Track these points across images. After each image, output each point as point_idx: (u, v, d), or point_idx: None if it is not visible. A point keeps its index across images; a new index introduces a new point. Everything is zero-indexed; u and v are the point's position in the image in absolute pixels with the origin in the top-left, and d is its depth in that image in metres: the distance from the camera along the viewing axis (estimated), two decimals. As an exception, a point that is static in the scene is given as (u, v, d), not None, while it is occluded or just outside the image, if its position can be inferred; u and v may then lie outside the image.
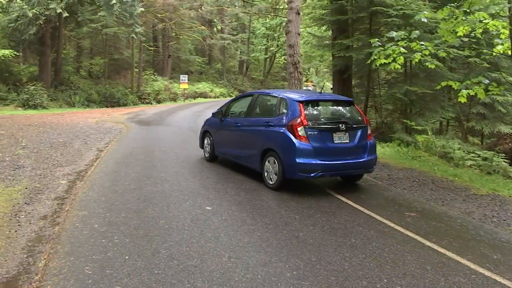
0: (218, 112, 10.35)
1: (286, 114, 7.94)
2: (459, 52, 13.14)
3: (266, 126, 8.33)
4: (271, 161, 8.05)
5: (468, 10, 8.37)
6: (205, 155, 10.77)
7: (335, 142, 7.73)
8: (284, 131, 7.75)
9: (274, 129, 8.05)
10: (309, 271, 4.59)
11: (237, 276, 4.41)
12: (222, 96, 44.19)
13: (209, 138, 10.56)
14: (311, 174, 7.61)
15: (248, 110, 9.29)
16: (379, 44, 9.60)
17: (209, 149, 10.49)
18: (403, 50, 9.31)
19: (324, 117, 8.16)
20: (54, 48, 28.63)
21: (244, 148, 9.02)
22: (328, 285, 4.31)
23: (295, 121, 7.65)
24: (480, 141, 18.49)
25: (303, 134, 7.54)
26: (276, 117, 8.20)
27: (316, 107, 8.25)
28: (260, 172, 8.40)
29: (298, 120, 7.62)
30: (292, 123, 7.66)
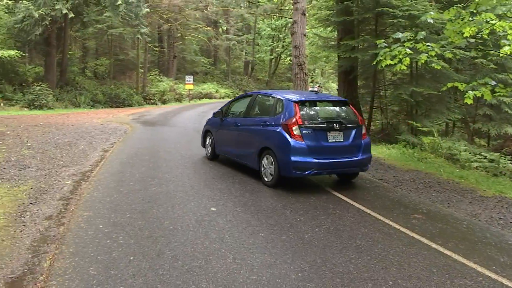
0: (218, 112, 10.55)
1: (282, 114, 8.17)
2: (465, 53, 13.11)
3: (263, 125, 8.56)
4: (267, 159, 8.29)
5: (474, 11, 8.31)
6: (207, 154, 11.01)
7: (329, 141, 7.95)
8: (280, 130, 7.99)
9: (271, 128, 8.27)
10: (314, 272, 4.57)
11: (242, 277, 4.39)
12: (227, 97, 44.16)
13: (210, 138, 10.80)
14: (306, 172, 7.81)
15: (247, 110, 9.54)
16: (385, 45, 9.57)
17: (210, 148, 10.75)
18: (409, 51, 9.27)
19: (319, 117, 8.33)
20: (59, 49, 28.75)
21: (243, 147, 9.24)
22: (333, 287, 4.29)
23: (290, 120, 7.89)
24: (487, 142, 18.40)
25: (298, 133, 7.77)
26: (273, 117, 8.43)
27: (311, 107, 8.46)
28: (258, 170, 8.63)
29: (293, 119, 7.86)
30: (287, 123, 7.90)
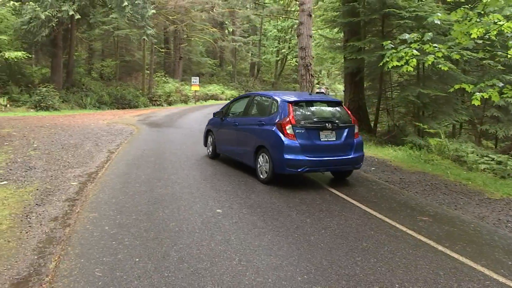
0: (219, 112, 10.93)
1: (276, 114, 8.52)
2: (473, 54, 13.05)
3: (259, 125, 8.93)
4: (263, 157, 8.65)
5: (482, 12, 8.27)
6: (208, 152, 11.40)
7: (321, 140, 8.28)
8: (274, 129, 8.34)
9: (266, 127, 8.63)
10: (320, 275, 4.54)
11: (248, 279, 4.37)
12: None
13: (211, 137, 11.21)
14: (298, 170, 8.13)
15: (245, 110, 9.93)
16: (392, 46, 9.53)
17: (211, 147, 11.15)
18: (415, 52, 9.24)
19: (312, 117, 8.61)
20: (66, 50, 28.86)
21: (241, 146, 9.59)
22: (339, 290, 4.27)
23: (284, 120, 8.23)
24: (494, 144, 18.32)
25: (291, 132, 8.11)
26: (268, 117, 8.80)
27: (305, 107, 8.77)
28: (254, 167, 8.96)
29: (286, 119, 8.21)
30: (281, 122, 8.26)
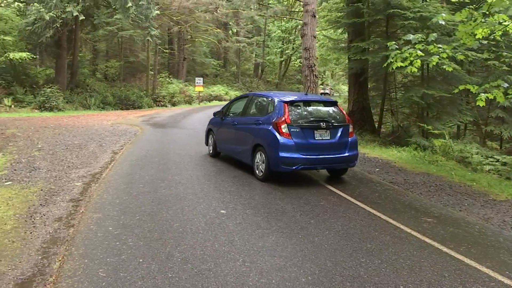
0: (219, 112, 11.23)
1: (273, 113, 8.80)
2: (477, 55, 13.02)
3: (256, 124, 9.19)
4: (260, 155, 8.92)
5: (487, 12, 8.24)
6: (209, 151, 11.70)
7: (316, 138, 8.53)
8: (270, 128, 8.59)
9: (263, 126, 8.89)
10: (324, 276, 4.52)
11: (252, 280, 4.36)
12: (237, 99, 44.18)
13: (212, 136, 11.51)
14: (293, 167, 8.35)
15: (243, 110, 10.23)
16: (396, 47, 9.51)
17: (212, 145, 11.44)
18: (420, 53, 9.21)
19: (308, 116, 8.82)
20: (70, 51, 28.94)
21: (239, 144, 9.87)
22: (343, 291, 4.25)
23: (279, 119, 8.49)
24: (499, 145, 18.25)
25: (286, 131, 8.37)
26: (265, 116, 9.05)
27: (301, 107, 8.99)
28: (251, 165, 9.23)
29: (282, 118, 8.47)
30: (276, 121, 8.51)
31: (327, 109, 9.27)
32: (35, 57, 26.55)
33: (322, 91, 58.48)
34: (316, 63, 15.42)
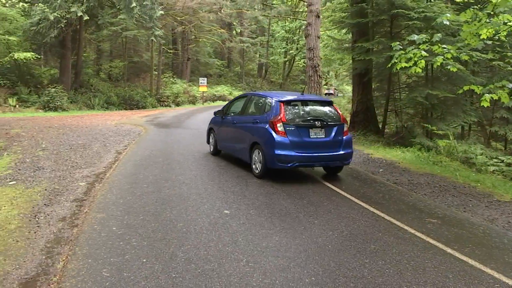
0: (219, 111, 11.55)
1: (269, 112, 9.07)
2: (482, 55, 12.97)
3: (254, 123, 9.48)
4: (256, 153, 9.19)
5: (492, 12, 8.21)
6: (210, 149, 11.99)
7: (311, 137, 8.78)
8: (267, 127, 8.85)
9: (260, 125, 9.16)
10: (327, 277, 4.52)
11: (255, 281, 4.36)
12: (241, 99, 44.17)
13: (213, 134, 11.80)
14: (288, 165, 8.61)
15: (242, 109, 10.52)
16: (400, 47, 9.49)
17: (213, 144, 11.74)
18: (424, 53, 9.19)
19: (303, 115, 9.09)
20: (74, 51, 29.02)
21: (238, 142, 10.17)
22: (347, 292, 4.24)
23: (275, 118, 8.76)
24: (504, 146, 18.17)
25: (281, 129, 8.63)
26: (262, 115, 9.34)
27: (297, 107, 9.24)
28: (249, 162, 9.52)
29: (278, 117, 8.73)
30: (273, 120, 8.78)
31: (322, 108, 9.49)
32: (39, 57, 26.66)
33: (326, 91, 58.51)
34: (320, 63, 15.41)
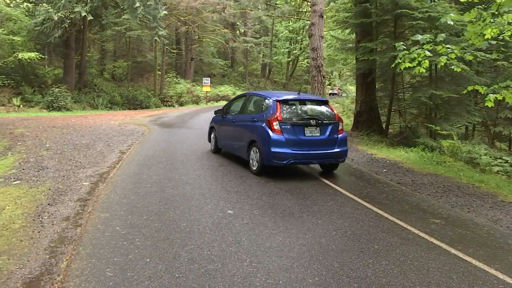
0: (220, 110, 11.91)
1: (266, 111, 9.34)
2: (486, 55, 12.93)
3: (252, 121, 9.76)
4: (254, 151, 9.47)
5: (496, 12, 8.18)
6: (211, 147, 12.33)
7: (306, 135, 9.04)
8: (264, 125, 9.15)
9: (257, 124, 9.45)
10: (331, 277, 4.51)
11: (258, 281, 4.36)
12: (244, 99, 44.13)
13: (214, 133, 12.13)
14: (284, 162, 8.87)
15: (241, 109, 10.83)
16: (404, 47, 9.47)
17: (214, 142, 12.06)
18: (428, 53, 9.17)
19: (299, 114, 9.34)
20: (78, 51, 29.08)
21: (237, 141, 10.46)
22: (351, 292, 4.24)
23: (271, 117, 9.03)
24: (508, 146, 18.13)
25: (277, 128, 8.91)
26: (259, 114, 9.62)
27: (293, 106, 9.49)
28: (247, 160, 9.80)
29: (274, 116, 9.00)
30: (269, 119, 9.06)
31: (318, 107, 9.74)
32: (43, 57, 26.69)
33: (330, 91, 58.44)
34: (324, 63, 15.40)
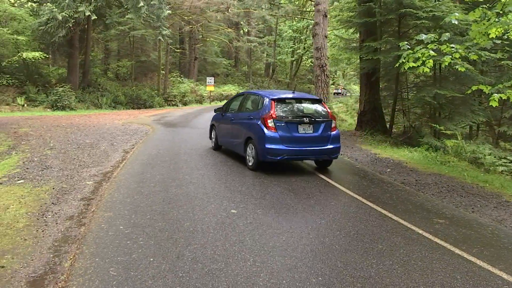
0: (220, 108, 12.36)
1: (261, 109, 9.69)
2: (491, 55, 12.88)
3: (248, 119, 10.13)
4: (250, 147, 9.83)
5: (501, 12, 8.15)
6: (212, 144, 12.71)
7: (299, 132, 9.38)
8: (259, 123, 9.49)
9: (253, 121, 9.80)
10: (334, 277, 4.50)
11: (262, 280, 4.35)
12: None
13: (214, 131, 12.52)
14: (278, 157, 9.24)
15: (239, 107, 11.23)
16: (408, 47, 9.44)
17: (214, 139, 12.46)
18: (432, 53, 9.14)
19: (293, 112, 9.65)
20: (82, 50, 29.16)
21: (235, 138, 10.82)
22: (354, 292, 4.23)
23: (266, 114, 9.39)
24: (512, 146, 18.04)
25: (272, 125, 9.27)
26: (255, 112, 9.99)
27: (287, 104, 9.80)
28: (244, 156, 10.15)
29: (269, 114, 9.36)
30: (264, 116, 9.42)
31: (312, 106, 10.06)
32: (47, 56, 26.80)
33: (335, 90, 58.35)
34: (328, 62, 15.39)
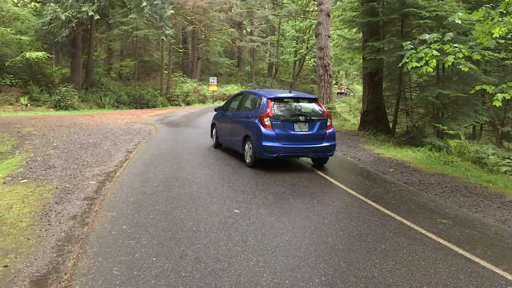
0: (220, 107, 12.71)
1: (259, 108, 10.01)
2: (494, 55, 12.85)
3: (246, 117, 10.46)
4: (248, 144, 10.14)
5: (504, 11, 8.13)
6: (213, 143, 13.05)
7: (295, 130, 9.67)
8: (256, 121, 9.79)
9: (251, 120, 10.12)
10: (337, 277, 4.50)
11: (265, 280, 4.35)
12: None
13: (215, 129, 12.84)
14: (274, 155, 9.52)
15: (238, 106, 11.57)
16: (411, 47, 9.43)
17: (215, 138, 12.81)
18: (435, 53, 9.12)
19: (289, 111, 9.93)
20: (85, 50, 29.21)
21: (234, 136, 11.13)
22: (357, 292, 4.22)
23: (263, 113, 9.69)
24: (516, 146, 17.99)
25: (268, 123, 9.58)
26: (253, 111, 10.33)
27: (283, 103, 10.09)
28: (242, 153, 10.47)
29: (265, 112, 9.66)
30: (261, 115, 9.71)
31: (308, 105, 10.32)
32: (51, 56, 26.84)
33: (338, 90, 58.30)
34: (331, 62, 15.38)
